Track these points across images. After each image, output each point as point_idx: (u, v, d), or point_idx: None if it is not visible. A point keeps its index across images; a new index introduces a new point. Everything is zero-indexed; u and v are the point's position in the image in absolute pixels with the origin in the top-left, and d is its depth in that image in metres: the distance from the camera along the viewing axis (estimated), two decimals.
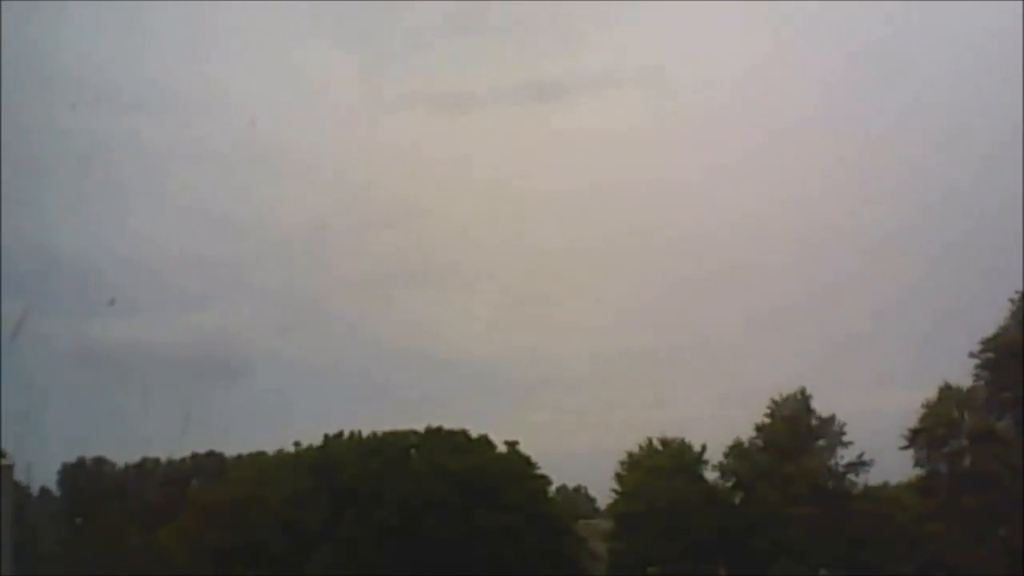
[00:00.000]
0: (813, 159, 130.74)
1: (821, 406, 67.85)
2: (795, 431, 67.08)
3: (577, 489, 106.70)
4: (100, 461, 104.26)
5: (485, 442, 70.40)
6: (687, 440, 71.03)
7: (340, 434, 72.26)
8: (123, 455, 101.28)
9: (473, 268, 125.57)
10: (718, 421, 79.01)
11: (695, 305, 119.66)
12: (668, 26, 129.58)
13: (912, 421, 63.07)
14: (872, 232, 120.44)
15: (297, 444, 73.58)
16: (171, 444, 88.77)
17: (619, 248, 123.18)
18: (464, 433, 70.65)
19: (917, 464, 63.61)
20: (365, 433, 72.07)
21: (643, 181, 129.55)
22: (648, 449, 70.73)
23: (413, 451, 69.90)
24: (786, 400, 68.26)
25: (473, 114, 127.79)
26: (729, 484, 69.28)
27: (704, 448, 70.32)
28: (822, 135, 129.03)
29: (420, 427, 72.14)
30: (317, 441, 72.16)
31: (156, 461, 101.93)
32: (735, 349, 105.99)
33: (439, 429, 71.09)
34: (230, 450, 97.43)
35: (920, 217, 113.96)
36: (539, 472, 70.91)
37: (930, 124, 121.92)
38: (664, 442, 70.61)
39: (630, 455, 71.25)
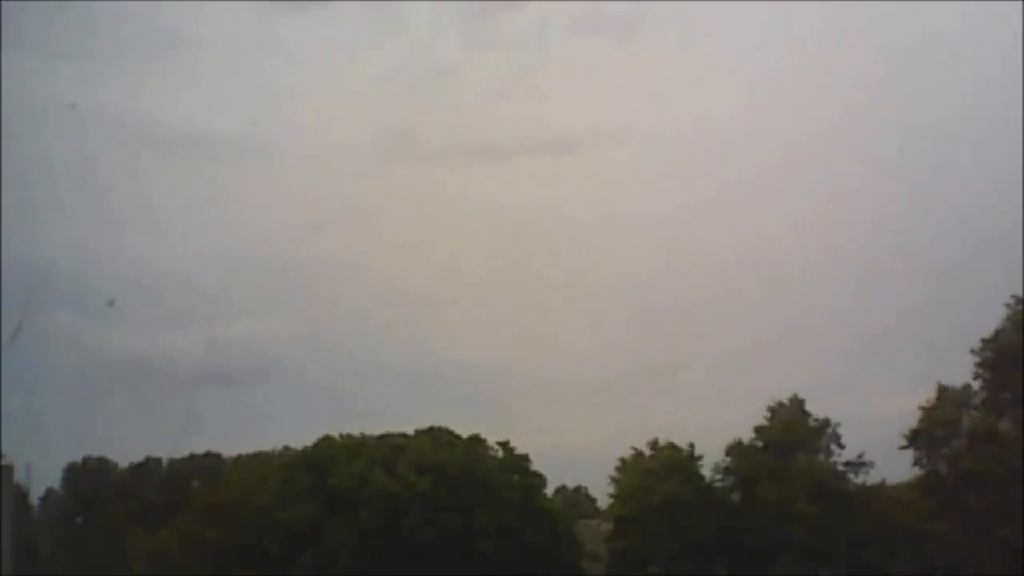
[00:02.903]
0: (813, 170, 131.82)
1: (820, 409, 67.93)
2: (792, 434, 67.14)
3: (577, 489, 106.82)
4: (102, 461, 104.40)
5: (477, 441, 70.36)
6: (677, 444, 71.01)
7: (333, 436, 72.39)
8: (125, 456, 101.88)
9: (479, 283, 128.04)
10: (717, 426, 79.15)
11: (696, 314, 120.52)
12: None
13: (910, 423, 63.16)
14: (871, 233, 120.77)
15: (287, 448, 73.77)
16: (171, 445, 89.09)
17: (623, 265, 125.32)
18: (454, 432, 70.62)
19: (916, 465, 63.67)
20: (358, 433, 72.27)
21: (646, 207, 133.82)
22: (639, 454, 70.67)
23: (404, 451, 69.79)
24: (783, 406, 68.31)
25: (498, 165, 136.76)
26: (728, 483, 69.30)
27: (693, 446, 70.19)
28: (822, 147, 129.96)
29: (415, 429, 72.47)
30: (312, 442, 72.36)
31: (157, 462, 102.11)
32: (736, 352, 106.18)
33: (430, 429, 71.08)
34: (229, 451, 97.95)
35: (919, 220, 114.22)
36: (533, 470, 70.88)
37: (928, 127, 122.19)
38: (654, 446, 70.48)
39: (623, 460, 71.16)
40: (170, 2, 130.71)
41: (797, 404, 68.03)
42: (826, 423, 67.09)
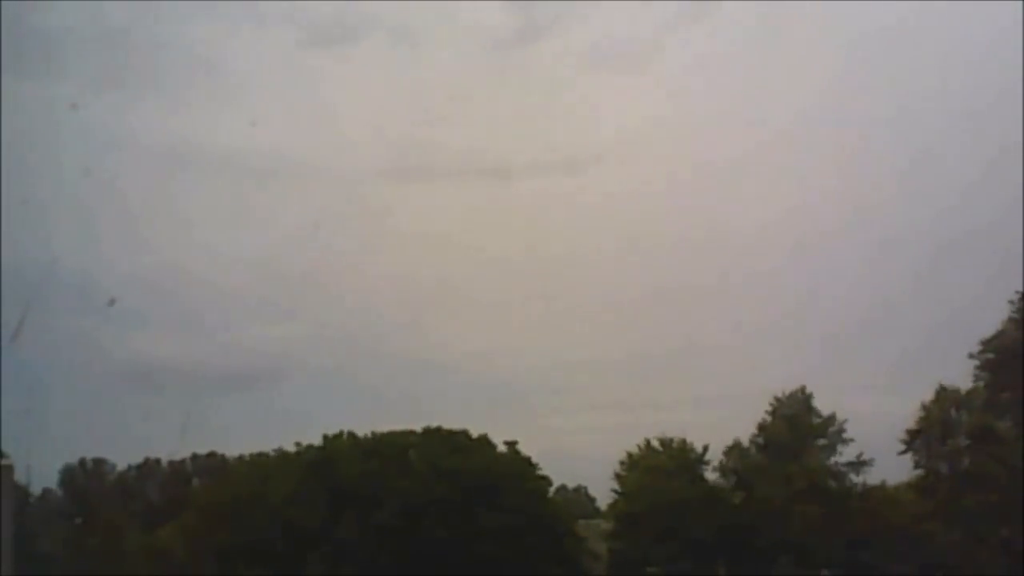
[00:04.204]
0: (813, 163, 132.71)
1: (821, 407, 68.04)
2: (796, 429, 67.12)
3: (577, 489, 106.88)
4: (100, 462, 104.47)
5: (485, 442, 70.45)
6: (688, 441, 71.25)
7: (340, 434, 72.34)
8: (124, 456, 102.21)
9: (481, 284, 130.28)
10: (719, 423, 79.48)
11: (697, 310, 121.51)
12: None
13: (911, 422, 63.12)
14: (872, 234, 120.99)
15: (298, 444, 73.59)
16: (173, 447, 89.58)
17: (621, 257, 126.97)
18: (464, 433, 70.63)
19: (916, 465, 63.63)
20: (365, 434, 72.25)
21: (645, 192, 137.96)
22: (648, 449, 70.77)
23: (412, 451, 69.97)
24: (787, 399, 68.36)
25: (510, 183, 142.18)
26: (730, 484, 69.32)
27: (706, 448, 70.43)
28: (821, 139, 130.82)
29: (421, 428, 72.40)
30: (318, 442, 72.26)
31: (157, 462, 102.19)
32: (737, 352, 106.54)
33: (438, 429, 71.08)
34: (231, 451, 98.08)
35: (920, 218, 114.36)
36: (539, 472, 70.99)
37: (929, 125, 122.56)
38: (663, 442, 70.66)
39: (630, 455, 71.29)
40: (208, 36, 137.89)
41: (803, 398, 67.99)
42: (831, 419, 67.10)
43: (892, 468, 66.66)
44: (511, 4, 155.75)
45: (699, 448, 70.66)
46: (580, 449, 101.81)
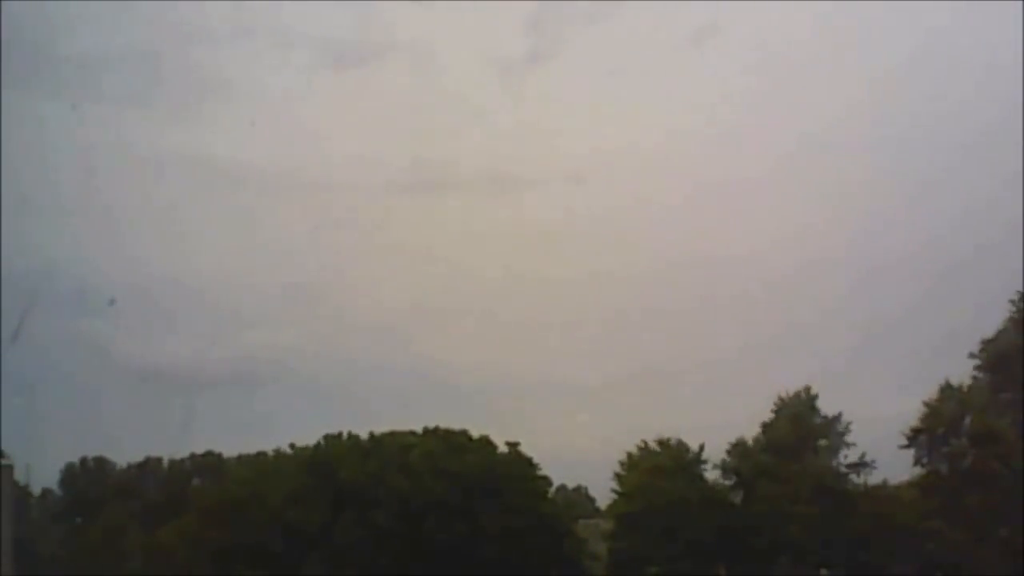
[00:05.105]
0: (812, 171, 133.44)
1: (824, 407, 68.07)
2: (799, 429, 67.10)
3: (577, 489, 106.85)
4: (101, 461, 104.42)
5: (485, 442, 70.44)
6: (687, 441, 71.23)
7: (339, 435, 72.34)
8: (124, 456, 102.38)
9: (487, 291, 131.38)
10: (721, 425, 79.53)
11: (696, 315, 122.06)
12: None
13: (912, 422, 63.10)
14: (871, 233, 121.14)
15: (293, 445, 73.66)
16: (172, 445, 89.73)
17: (628, 269, 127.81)
18: (464, 433, 70.65)
19: (917, 464, 63.61)
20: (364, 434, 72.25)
21: (655, 206, 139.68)
22: (647, 449, 70.74)
23: (412, 451, 69.90)
24: (791, 399, 68.32)
25: (517, 196, 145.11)
26: (730, 483, 69.32)
27: (702, 447, 70.41)
28: (830, 147, 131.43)
29: (421, 428, 72.38)
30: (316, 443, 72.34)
31: (157, 461, 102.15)
32: (736, 352, 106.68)
33: (438, 429, 71.07)
34: (230, 451, 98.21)
35: (922, 220, 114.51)
36: (539, 472, 71.02)
37: (928, 127, 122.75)
38: (663, 442, 70.61)
39: (630, 455, 71.27)
40: (225, 54, 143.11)
41: (808, 398, 67.93)
42: (835, 419, 67.05)
43: (891, 468, 66.76)
44: (524, 24, 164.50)
45: (697, 448, 70.68)
46: (580, 449, 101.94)
